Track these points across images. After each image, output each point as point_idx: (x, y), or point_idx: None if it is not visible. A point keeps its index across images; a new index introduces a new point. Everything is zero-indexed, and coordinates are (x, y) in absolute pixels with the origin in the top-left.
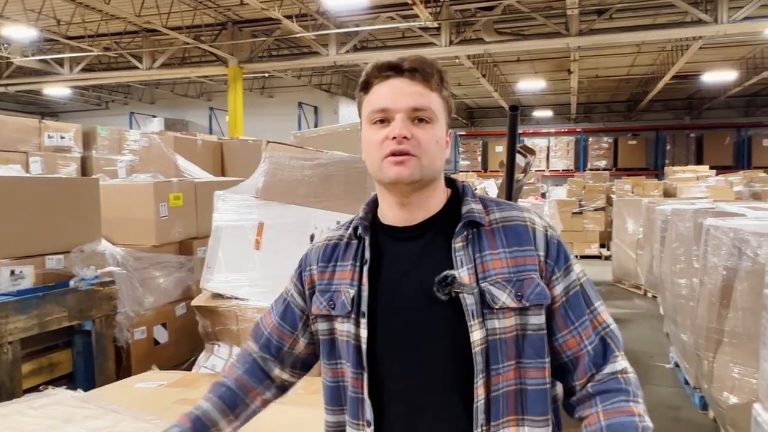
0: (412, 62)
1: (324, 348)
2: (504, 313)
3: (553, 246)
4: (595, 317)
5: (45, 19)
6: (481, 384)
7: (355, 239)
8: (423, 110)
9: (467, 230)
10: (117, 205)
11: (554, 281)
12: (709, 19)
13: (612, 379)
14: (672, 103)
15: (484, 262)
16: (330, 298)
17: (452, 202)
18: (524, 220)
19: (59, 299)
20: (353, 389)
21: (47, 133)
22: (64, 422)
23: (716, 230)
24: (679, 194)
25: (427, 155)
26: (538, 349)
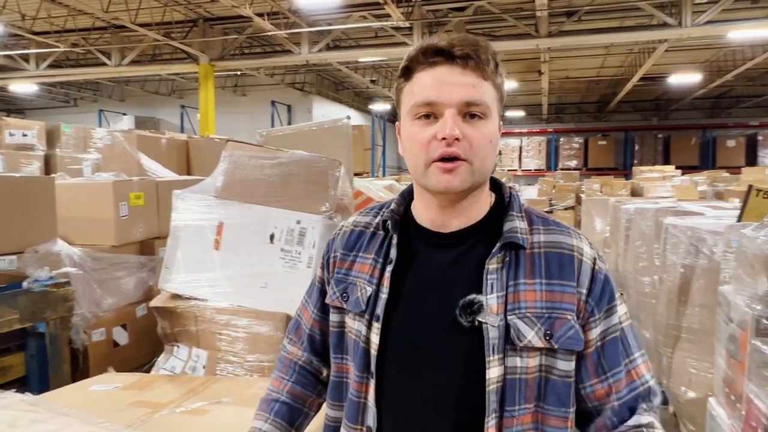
0: (465, 46)
1: (332, 339)
2: (528, 352)
3: (598, 283)
4: (633, 369)
5: (9, 14)
6: (493, 425)
7: (382, 231)
8: (477, 105)
9: (505, 251)
10: (76, 204)
11: (591, 323)
12: (674, 22)
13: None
14: (640, 105)
15: (517, 291)
16: (344, 290)
17: (495, 212)
18: (572, 249)
19: (10, 301)
20: (355, 392)
21: (8, 130)
22: (9, 426)
23: (675, 228)
24: (645, 193)
25: (479, 158)
26: (563, 397)
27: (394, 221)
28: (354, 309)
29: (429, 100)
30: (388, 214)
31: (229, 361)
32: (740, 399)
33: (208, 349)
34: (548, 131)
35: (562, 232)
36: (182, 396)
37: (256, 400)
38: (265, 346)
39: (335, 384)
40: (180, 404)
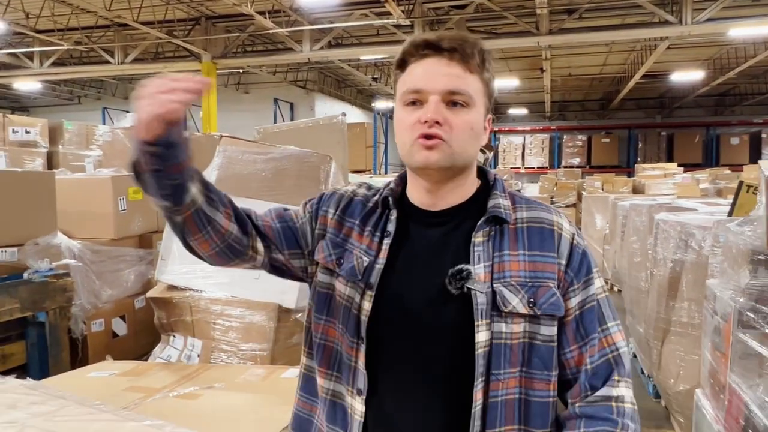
0: (452, 41)
1: (318, 299)
2: (513, 318)
3: (576, 255)
4: (605, 336)
5: (13, 12)
6: (480, 388)
7: (380, 208)
8: (459, 94)
9: (490, 226)
10: (76, 199)
11: (571, 293)
12: (675, 20)
13: (603, 405)
14: (644, 102)
15: (501, 261)
16: (340, 255)
17: (480, 194)
18: (552, 224)
19: (11, 291)
20: (347, 355)
21: (12, 127)
22: (9, 408)
23: (665, 224)
24: (647, 191)
25: (458, 141)
26: (546, 361)
27: (393, 199)
28: (348, 276)
29: (416, 88)
30: (388, 192)
31: (223, 350)
32: (723, 389)
33: (203, 339)
34: (551, 129)
35: (543, 209)
36: (176, 382)
37: (247, 385)
38: (257, 336)
39: (324, 348)
40: (173, 389)
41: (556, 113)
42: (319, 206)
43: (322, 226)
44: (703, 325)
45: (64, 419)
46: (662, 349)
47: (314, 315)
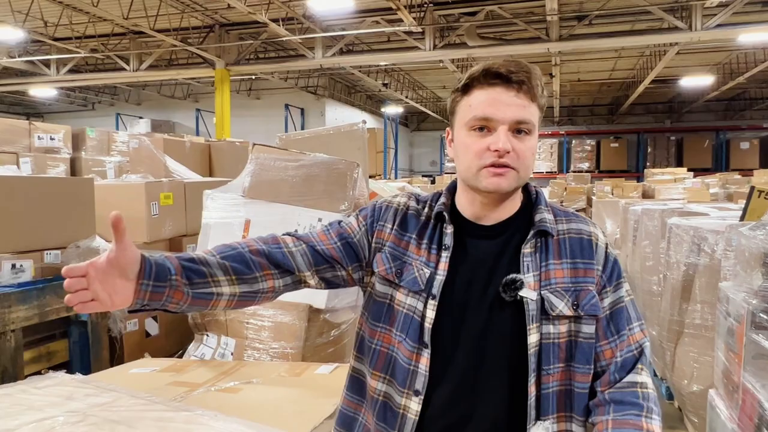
0: (520, 73)
1: (375, 308)
2: (559, 320)
3: (610, 262)
4: (632, 334)
5: (32, 21)
6: (533, 382)
7: (433, 221)
8: (525, 123)
9: (537, 238)
10: (110, 203)
11: (604, 295)
12: (684, 26)
13: (630, 390)
14: (653, 107)
15: (548, 270)
16: (399, 267)
17: (525, 208)
18: (590, 234)
19: (57, 291)
20: (406, 359)
21: (37, 134)
22: (67, 399)
23: (678, 228)
24: (657, 196)
25: (524, 167)
26: (588, 356)
27: (448, 213)
28: (411, 287)
29: (486, 116)
30: (441, 207)
31: (255, 348)
32: (737, 389)
33: (236, 337)
34: (560, 134)
35: (581, 222)
36: (215, 377)
37: (283, 381)
38: (288, 335)
39: (368, 347)
40: (214, 384)
41: (565, 118)
42: (374, 220)
43: (379, 239)
44: (717, 326)
45: (120, 409)
46: (676, 351)
47: (371, 322)
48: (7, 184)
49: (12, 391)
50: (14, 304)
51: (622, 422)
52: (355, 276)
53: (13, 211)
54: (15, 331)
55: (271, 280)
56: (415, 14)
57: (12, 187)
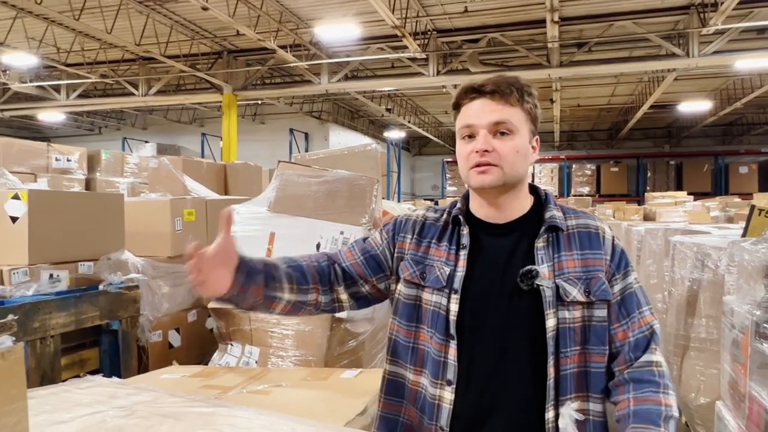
0: (492, 84)
1: (406, 310)
2: (574, 306)
3: (617, 252)
4: (643, 317)
5: (45, 47)
6: (552, 364)
7: (451, 225)
8: (503, 123)
9: (548, 233)
10: (137, 219)
11: (614, 281)
12: (682, 52)
13: (647, 369)
14: (652, 132)
15: (560, 261)
16: (423, 270)
17: (536, 208)
18: (597, 228)
19: (92, 300)
20: (436, 352)
21: (54, 155)
22: (110, 398)
23: (682, 245)
24: (658, 218)
25: (508, 164)
26: (602, 337)
27: (463, 217)
28: (434, 285)
29: (468, 124)
30: (456, 211)
31: (279, 356)
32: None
33: (260, 346)
34: (560, 158)
35: (588, 218)
36: (245, 381)
37: (311, 384)
38: (311, 343)
39: (405, 347)
40: (245, 387)
41: (565, 143)
42: (395, 233)
43: (400, 250)
44: (722, 339)
45: (164, 406)
46: (682, 365)
47: (404, 325)
48: (46, 198)
49: (57, 390)
50: (54, 311)
51: (642, 399)
52: (380, 286)
53: (51, 224)
54: (54, 337)
55: (316, 294)
56: (420, 41)
57: (50, 200)
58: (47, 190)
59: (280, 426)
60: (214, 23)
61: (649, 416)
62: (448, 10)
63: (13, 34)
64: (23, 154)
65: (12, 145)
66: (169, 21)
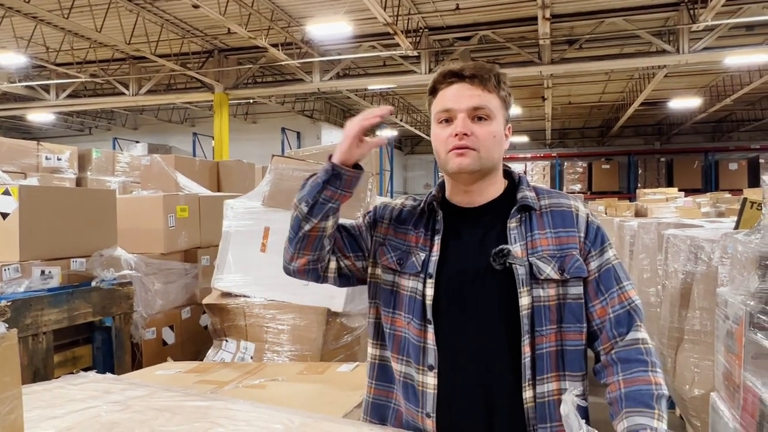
0: (471, 69)
1: (383, 295)
2: (548, 284)
3: (592, 229)
4: (623, 292)
5: (34, 46)
6: (527, 343)
7: (427, 211)
8: (481, 108)
9: (521, 213)
10: (129, 215)
11: (590, 258)
12: (672, 49)
13: (634, 347)
14: (642, 129)
15: (533, 239)
16: (399, 257)
17: (509, 190)
18: (570, 207)
19: (85, 296)
20: (416, 338)
21: (45, 154)
22: (105, 393)
23: (675, 238)
24: (649, 214)
25: (485, 148)
26: (578, 315)
27: (437, 202)
28: (410, 270)
29: (446, 108)
30: (431, 197)
31: (275, 351)
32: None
33: (255, 341)
34: (552, 156)
35: (562, 196)
36: (240, 376)
37: (307, 378)
38: (307, 338)
39: (390, 335)
40: (241, 381)
41: (557, 140)
42: (375, 218)
43: (378, 234)
44: (716, 330)
45: (159, 400)
46: (676, 358)
47: (383, 309)
48: (38, 194)
49: (50, 387)
50: (47, 307)
51: (632, 380)
52: (358, 264)
53: (42, 220)
54: (47, 334)
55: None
56: (411, 39)
57: (42, 196)
58: (38, 186)
59: (277, 418)
60: (205, 21)
61: (641, 398)
62: (439, 7)
63: (0, 33)
64: (13, 153)
65: (1, 144)
66: (159, 19)
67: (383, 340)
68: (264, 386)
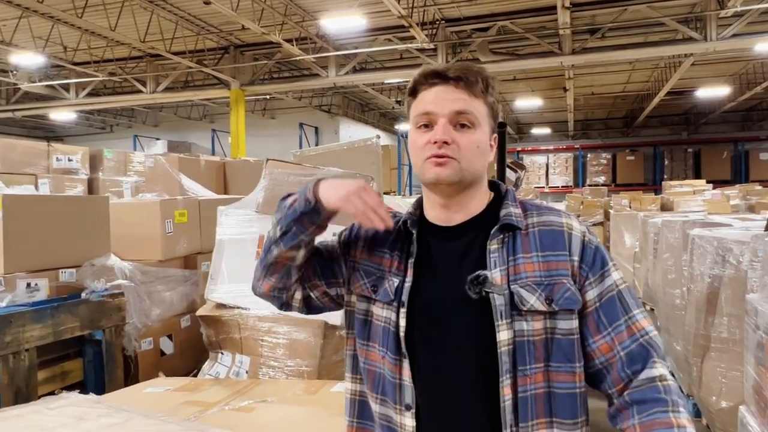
0: (457, 70)
1: (357, 325)
2: (532, 316)
3: (589, 251)
4: (633, 323)
5: (52, 46)
6: (508, 384)
7: (404, 231)
8: (465, 114)
9: (503, 233)
10: (126, 222)
11: (587, 286)
12: (699, 36)
13: (650, 387)
14: (669, 119)
15: (516, 264)
16: (374, 283)
17: (493, 205)
18: (561, 225)
19: (72, 309)
20: (391, 374)
21: (55, 155)
22: (79, 420)
23: (701, 239)
24: (676, 208)
25: (466, 159)
26: (568, 354)
27: (412, 221)
28: (383, 299)
29: (427, 111)
30: (407, 216)
31: (271, 366)
32: None
33: (251, 355)
34: (575, 147)
35: (553, 213)
36: (230, 396)
37: (298, 399)
38: (304, 352)
39: (365, 370)
40: (228, 403)
41: (580, 132)
42: (349, 239)
43: (352, 258)
44: (745, 340)
45: (132, 430)
46: (702, 366)
47: (359, 342)
48: (23, 203)
49: (25, 412)
50: (28, 323)
51: (650, 423)
52: (331, 292)
53: (28, 230)
54: (29, 351)
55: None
56: (427, 31)
57: (28, 205)
58: (25, 195)
59: None
60: (219, 18)
61: None
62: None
63: (19, 34)
64: (25, 155)
65: (14, 146)
66: (173, 17)
67: (361, 374)
68: (251, 409)
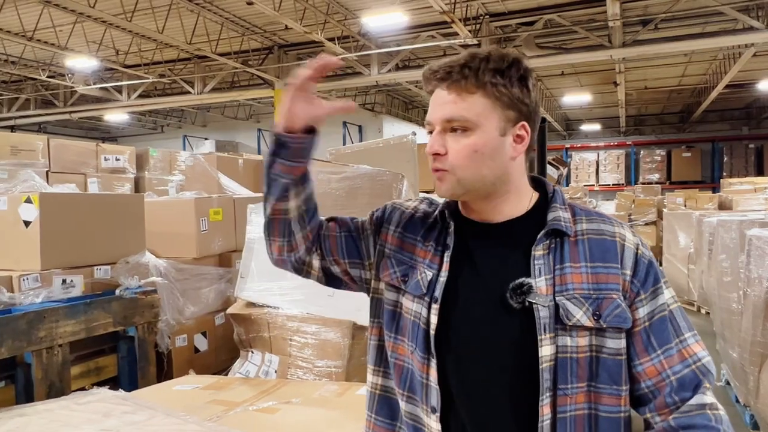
0: (446, 68)
1: (386, 316)
2: (578, 332)
3: (642, 265)
4: (685, 347)
5: (105, 50)
6: (548, 403)
7: (440, 222)
8: (455, 120)
9: (550, 239)
10: (161, 220)
11: (638, 303)
12: (761, 25)
13: (700, 414)
14: (728, 113)
15: (563, 274)
16: (405, 272)
17: (539, 206)
18: (613, 235)
19: (105, 306)
20: (420, 373)
21: (104, 155)
22: (104, 416)
23: (759, 240)
24: (735, 207)
25: (461, 168)
26: (614, 375)
27: (450, 212)
28: (414, 291)
29: (427, 120)
30: (445, 205)
31: (299, 366)
32: None
33: (280, 355)
34: (627, 144)
35: (604, 221)
36: (255, 396)
37: (323, 401)
38: (332, 352)
39: (393, 364)
40: (253, 403)
41: (632, 128)
42: (382, 221)
43: (383, 242)
44: None
45: (153, 428)
46: (760, 376)
47: (386, 332)
48: (60, 201)
49: (54, 407)
50: (62, 318)
51: None
52: (352, 272)
53: (65, 228)
54: (62, 346)
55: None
56: (471, 26)
57: (64, 203)
58: (61, 193)
59: None
60: (263, 18)
61: None
62: None
63: (73, 39)
64: (76, 155)
65: (66, 146)
66: (219, 18)
67: (387, 367)
68: (275, 410)
